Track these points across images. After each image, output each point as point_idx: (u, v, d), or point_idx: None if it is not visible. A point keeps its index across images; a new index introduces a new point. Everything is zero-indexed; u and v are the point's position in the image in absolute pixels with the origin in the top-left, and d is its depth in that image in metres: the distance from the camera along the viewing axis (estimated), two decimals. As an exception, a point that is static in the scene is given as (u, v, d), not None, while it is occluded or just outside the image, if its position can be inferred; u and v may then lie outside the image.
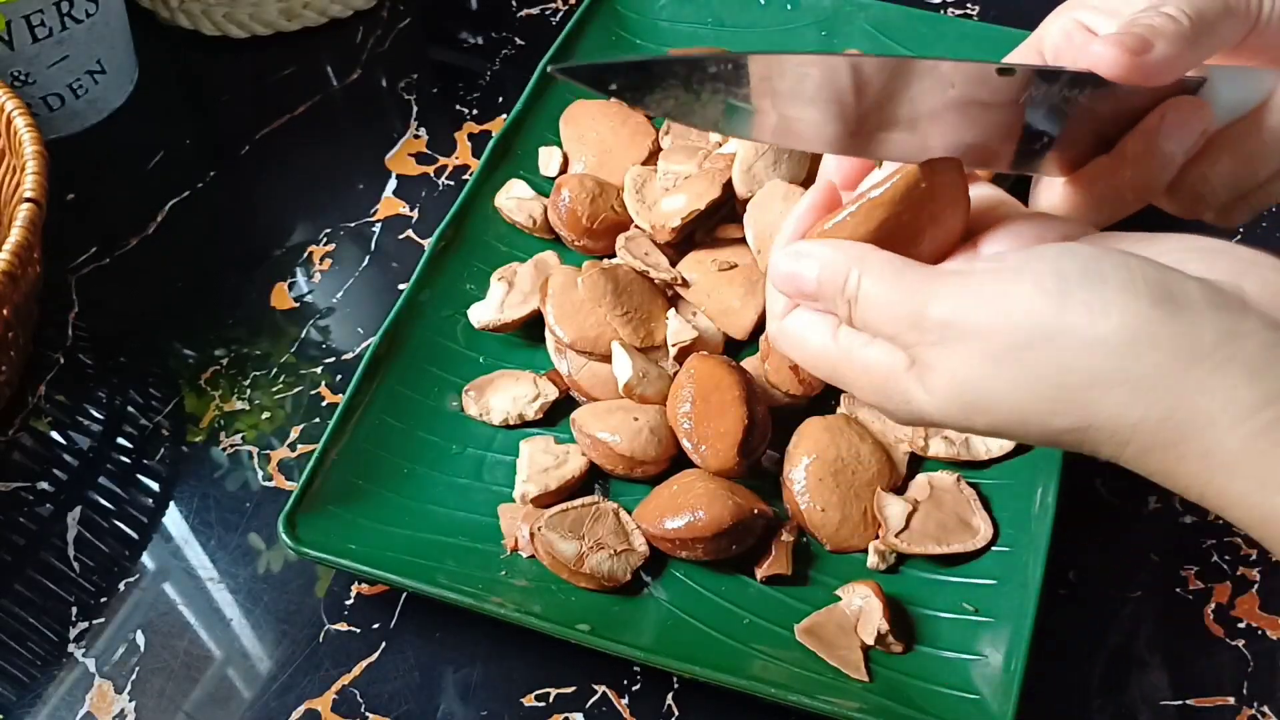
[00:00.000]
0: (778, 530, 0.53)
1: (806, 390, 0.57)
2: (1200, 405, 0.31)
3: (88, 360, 0.65)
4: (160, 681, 0.53)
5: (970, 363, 0.35)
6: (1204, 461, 0.32)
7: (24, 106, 0.60)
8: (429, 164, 0.73)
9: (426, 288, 0.61)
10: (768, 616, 0.52)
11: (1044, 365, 0.33)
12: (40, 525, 0.58)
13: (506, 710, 0.51)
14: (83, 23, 0.70)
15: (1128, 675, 0.51)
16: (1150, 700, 0.51)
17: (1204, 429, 0.31)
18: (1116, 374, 0.32)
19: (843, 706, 0.47)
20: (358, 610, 0.54)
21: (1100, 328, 0.32)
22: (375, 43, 0.81)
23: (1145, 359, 0.32)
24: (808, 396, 0.57)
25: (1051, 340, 0.33)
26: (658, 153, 0.66)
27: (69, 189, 0.72)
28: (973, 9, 0.81)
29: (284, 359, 0.64)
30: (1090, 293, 0.33)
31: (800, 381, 0.57)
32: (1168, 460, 0.33)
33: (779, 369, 0.57)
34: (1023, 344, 0.33)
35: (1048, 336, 0.33)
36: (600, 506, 0.53)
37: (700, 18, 0.76)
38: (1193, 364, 0.32)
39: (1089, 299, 0.33)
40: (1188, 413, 0.32)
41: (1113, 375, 0.32)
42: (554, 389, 0.59)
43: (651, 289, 0.60)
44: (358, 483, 0.55)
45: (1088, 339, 0.33)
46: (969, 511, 0.54)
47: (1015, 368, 0.34)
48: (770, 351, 0.58)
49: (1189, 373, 0.32)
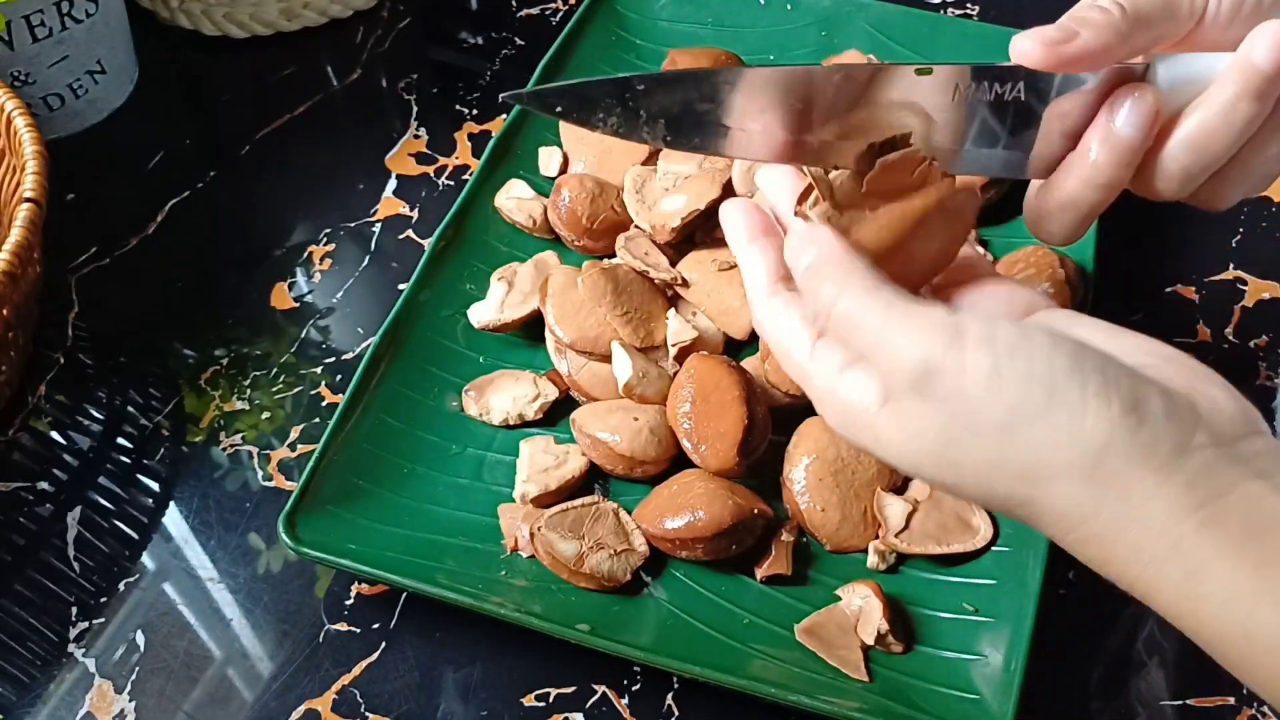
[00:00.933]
0: (778, 530, 0.53)
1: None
2: (1143, 508, 0.34)
3: (88, 360, 0.65)
4: (160, 681, 0.53)
5: (952, 426, 0.37)
6: (1135, 554, 0.35)
7: (24, 106, 0.60)
8: (429, 164, 0.73)
9: (426, 288, 0.61)
10: (768, 616, 0.52)
11: (1021, 447, 0.36)
12: (40, 525, 0.58)
13: (506, 710, 0.51)
14: (83, 23, 0.71)
15: (1128, 675, 0.51)
16: (1150, 700, 0.51)
17: (1141, 528, 0.35)
18: (1082, 471, 0.35)
19: (843, 706, 0.47)
20: (358, 610, 0.54)
21: (1078, 428, 0.35)
22: (375, 43, 0.81)
23: (1109, 463, 0.35)
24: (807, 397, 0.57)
25: (1033, 427, 0.35)
26: (658, 153, 0.66)
27: (69, 189, 0.72)
28: (973, 9, 0.81)
29: (284, 359, 0.64)
30: (1074, 393, 0.35)
31: (800, 381, 0.57)
32: (1104, 550, 0.36)
33: (779, 369, 0.57)
34: (1006, 423, 0.36)
35: (1030, 422, 0.35)
36: (600, 506, 0.53)
37: (700, 18, 0.76)
38: (1147, 473, 0.35)
39: (1073, 400, 0.35)
40: (1131, 513, 0.35)
41: (1078, 471, 0.35)
42: (554, 389, 0.59)
43: (651, 289, 0.60)
44: (358, 483, 0.55)
45: (1065, 436, 0.35)
46: (969, 511, 0.54)
47: (994, 441, 0.36)
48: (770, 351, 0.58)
49: (1142, 480, 0.35)
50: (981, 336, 0.36)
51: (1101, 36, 0.41)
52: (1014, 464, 0.36)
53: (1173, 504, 0.34)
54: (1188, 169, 0.44)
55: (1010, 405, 0.35)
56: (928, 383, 0.36)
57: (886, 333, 0.37)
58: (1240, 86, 0.42)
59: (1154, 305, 0.64)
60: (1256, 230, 0.67)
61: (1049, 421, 0.35)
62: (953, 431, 0.36)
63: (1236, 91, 0.42)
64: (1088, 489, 0.35)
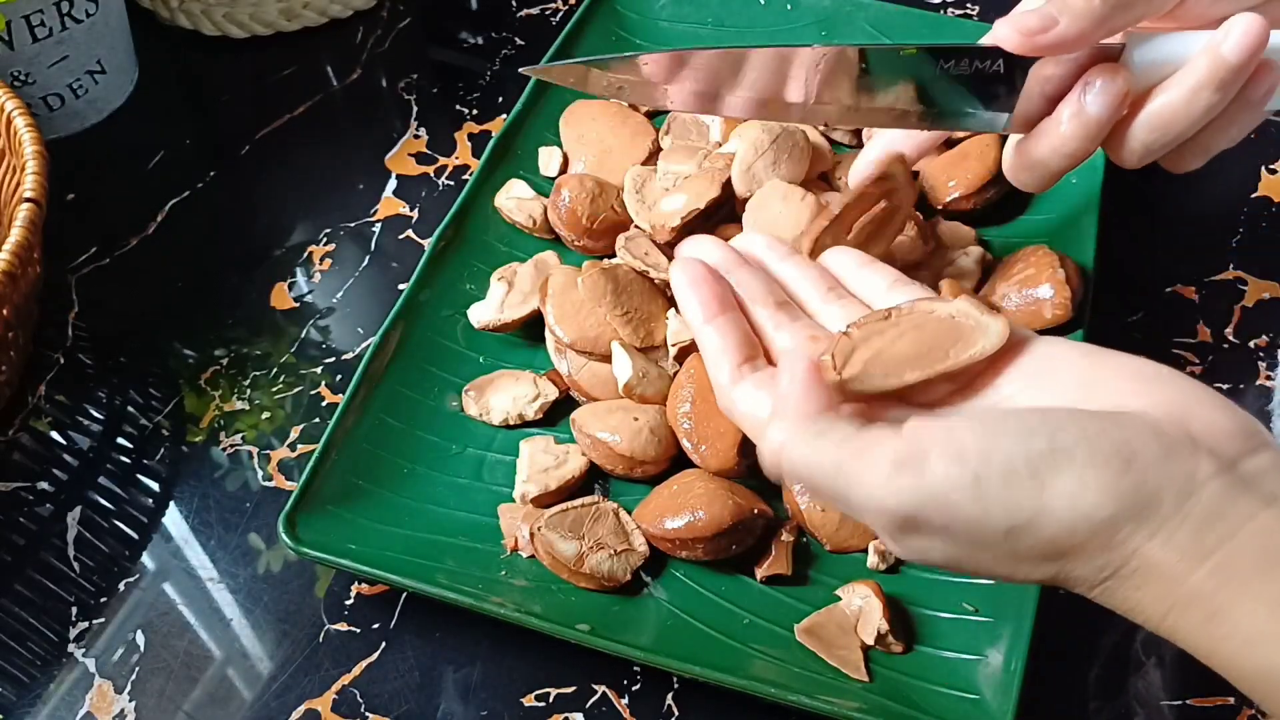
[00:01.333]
0: (778, 530, 0.53)
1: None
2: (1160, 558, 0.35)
3: (88, 360, 0.65)
4: (160, 681, 0.53)
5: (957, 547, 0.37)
6: (1157, 604, 0.35)
7: (24, 106, 0.60)
8: (429, 164, 0.73)
9: (426, 288, 0.61)
10: (768, 616, 0.52)
11: (1032, 543, 0.36)
12: (40, 525, 0.58)
13: (506, 710, 0.51)
14: (83, 23, 0.71)
15: (1128, 675, 0.51)
16: (1150, 700, 0.51)
17: (1162, 577, 0.35)
18: (1094, 544, 0.35)
19: (843, 706, 0.47)
20: (358, 610, 0.54)
21: (1082, 506, 0.35)
22: (375, 43, 0.81)
23: (1120, 530, 0.35)
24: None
25: (1032, 525, 0.35)
26: (657, 153, 0.66)
27: (69, 189, 0.72)
28: (973, 9, 0.81)
29: (284, 359, 0.64)
30: (1065, 474, 0.35)
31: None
32: (1128, 601, 0.36)
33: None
34: (1009, 528, 0.36)
35: (1029, 522, 0.35)
36: (600, 506, 0.53)
37: (700, 18, 0.76)
38: (1158, 529, 0.35)
39: (1067, 480, 0.35)
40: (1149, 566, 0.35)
41: (1091, 545, 0.35)
42: (554, 389, 0.59)
43: (651, 289, 0.60)
44: (358, 483, 0.55)
45: (1069, 521, 0.35)
46: (969, 511, 0.54)
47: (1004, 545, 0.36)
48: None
49: (1153, 536, 0.35)
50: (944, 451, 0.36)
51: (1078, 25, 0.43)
52: (1030, 556, 0.36)
53: (1186, 553, 0.34)
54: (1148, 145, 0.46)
55: (1006, 508, 0.35)
56: (915, 526, 0.37)
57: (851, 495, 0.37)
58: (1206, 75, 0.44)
59: (1154, 305, 0.64)
60: (1256, 230, 0.67)
61: (1051, 512, 0.35)
62: (960, 550, 0.37)
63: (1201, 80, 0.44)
64: (1104, 555, 0.35)
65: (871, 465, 0.37)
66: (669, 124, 0.68)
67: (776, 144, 0.61)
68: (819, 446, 0.38)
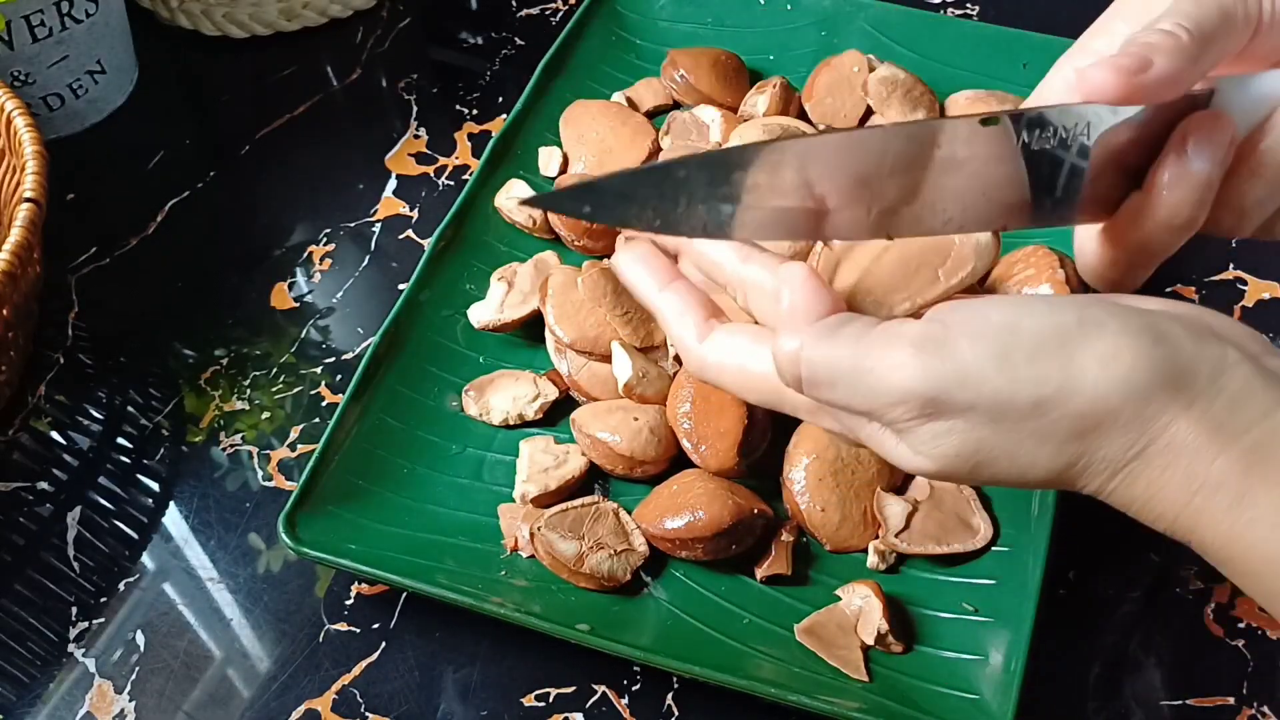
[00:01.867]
0: (778, 530, 0.53)
1: (806, 390, 0.57)
2: (1191, 436, 0.34)
3: (88, 360, 0.65)
4: (160, 681, 0.53)
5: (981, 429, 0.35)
6: (1187, 482, 0.34)
7: (24, 106, 0.60)
8: (429, 164, 0.73)
9: (426, 288, 0.61)
10: (768, 616, 0.52)
11: (1064, 414, 0.34)
12: (40, 525, 0.58)
13: (506, 710, 0.51)
14: (83, 23, 0.71)
15: (1127, 675, 0.51)
16: (1150, 700, 0.51)
17: (1193, 453, 0.34)
18: (1129, 411, 0.34)
19: (843, 706, 0.47)
20: (358, 610, 0.54)
21: (1115, 372, 0.34)
22: (375, 43, 0.81)
23: (1156, 397, 0.34)
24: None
25: (1063, 395, 0.34)
26: (658, 153, 0.67)
27: (69, 189, 0.72)
28: (973, 9, 0.81)
29: (284, 359, 0.64)
30: (1096, 342, 0.34)
31: (800, 381, 0.57)
32: (1152, 486, 0.35)
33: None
34: (1038, 399, 0.34)
35: (1059, 393, 0.34)
36: (600, 506, 0.53)
37: (700, 18, 0.76)
38: (1192, 401, 0.34)
39: (1097, 349, 0.34)
40: (1180, 443, 0.34)
41: (1126, 412, 0.34)
42: (554, 389, 0.59)
43: (651, 289, 0.60)
44: (358, 483, 0.55)
45: (1103, 388, 0.34)
46: (969, 511, 0.54)
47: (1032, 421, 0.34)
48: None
49: (1189, 409, 0.34)
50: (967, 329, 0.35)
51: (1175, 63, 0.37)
52: (1058, 431, 0.34)
53: (1220, 429, 0.34)
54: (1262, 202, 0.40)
55: (1035, 379, 0.34)
56: (938, 408, 0.35)
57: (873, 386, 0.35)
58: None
59: (1154, 305, 0.64)
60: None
61: (1083, 379, 0.34)
62: (982, 433, 0.35)
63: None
64: (1138, 426, 0.34)
65: (892, 351, 0.35)
66: (669, 124, 0.68)
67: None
68: (836, 342, 0.36)
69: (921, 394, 0.35)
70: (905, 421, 0.36)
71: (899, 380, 0.35)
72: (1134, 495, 0.35)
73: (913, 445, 0.36)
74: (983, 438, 0.35)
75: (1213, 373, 0.34)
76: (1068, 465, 0.35)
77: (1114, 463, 0.35)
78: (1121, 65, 0.37)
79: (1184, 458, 0.34)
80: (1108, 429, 0.34)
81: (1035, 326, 0.34)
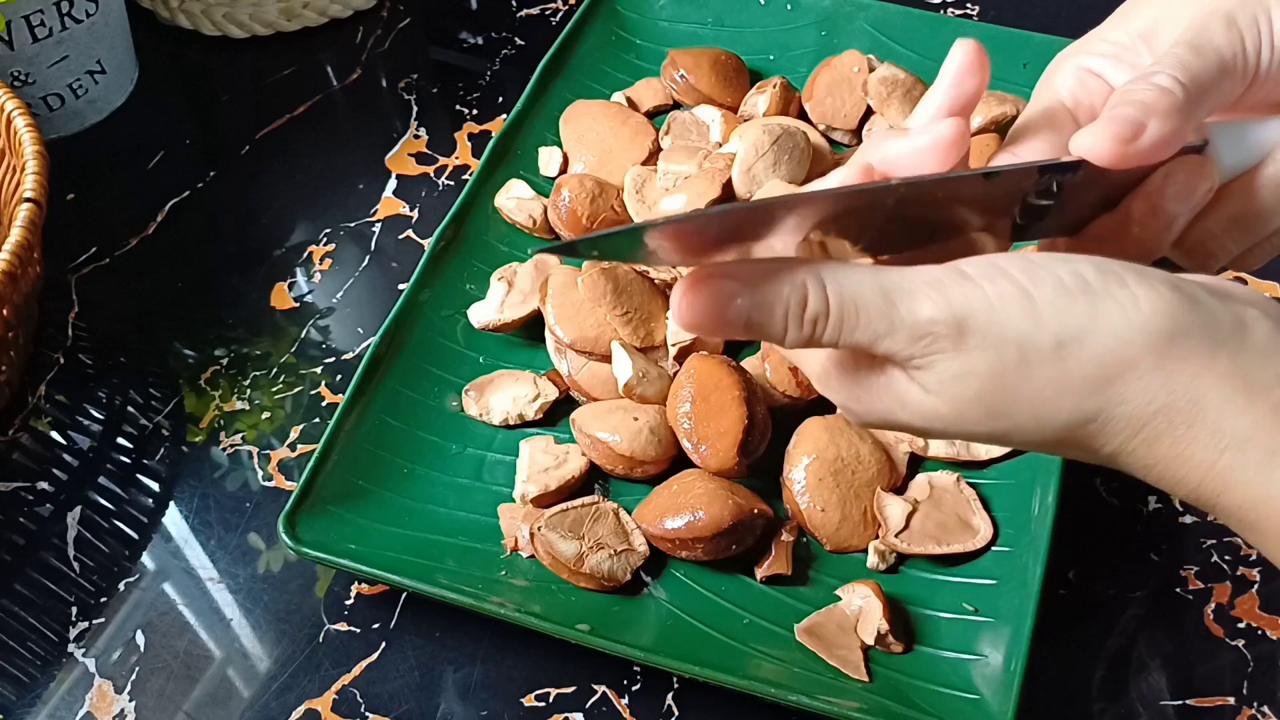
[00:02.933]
0: (778, 530, 0.53)
1: (806, 391, 0.57)
2: (1216, 389, 0.33)
3: (88, 360, 0.65)
4: (160, 681, 0.53)
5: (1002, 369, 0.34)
6: (1214, 439, 0.33)
7: (24, 106, 0.60)
8: (429, 164, 0.73)
9: (426, 288, 0.61)
10: (768, 616, 0.52)
11: (1085, 358, 0.34)
12: (40, 525, 0.58)
13: (506, 710, 0.51)
14: (83, 23, 0.71)
15: (1128, 675, 0.51)
16: (1150, 700, 0.51)
17: (1220, 407, 0.33)
18: (1150, 360, 0.33)
19: (843, 706, 0.47)
20: (358, 610, 0.54)
21: (1135, 318, 0.33)
22: (375, 43, 0.81)
23: (1178, 345, 0.33)
24: (807, 397, 0.57)
25: (1085, 337, 0.34)
26: (658, 153, 0.66)
27: (69, 189, 0.72)
28: (973, 9, 0.81)
29: (284, 359, 0.64)
30: (1117, 289, 0.34)
31: (799, 383, 0.57)
32: (1177, 445, 0.34)
33: (779, 369, 0.57)
34: (1060, 341, 0.34)
35: (1081, 334, 0.34)
36: (600, 506, 0.53)
37: (700, 18, 0.76)
38: (1215, 348, 0.33)
39: (1119, 295, 0.34)
40: (1205, 397, 0.33)
41: (1147, 361, 0.33)
42: (554, 389, 0.59)
43: (651, 289, 0.60)
44: (358, 483, 0.55)
45: (1124, 332, 0.33)
46: (969, 511, 0.54)
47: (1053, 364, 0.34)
48: (770, 351, 0.58)
49: (1212, 360, 0.33)
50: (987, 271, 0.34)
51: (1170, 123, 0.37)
52: (1079, 378, 0.34)
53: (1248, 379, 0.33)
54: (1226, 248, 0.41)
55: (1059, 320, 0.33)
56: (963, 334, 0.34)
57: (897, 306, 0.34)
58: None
59: (1154, 305, 0.64)
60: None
61: (1105, 323, 0.33)
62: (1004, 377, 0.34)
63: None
64: (1160, 378, 0.33)
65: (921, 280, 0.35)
66: (669, 124, 0.69)
67: (777, 145, 0.61)
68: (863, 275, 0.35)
69: (950, 317, 0.34)
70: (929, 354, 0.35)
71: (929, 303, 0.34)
72: (1157, 456, 0.34)
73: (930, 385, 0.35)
74: (1003, 382, 0.34)
75: (1235, 326, 0.33)
76: (1087, 419, 0.34)
77: (1135, 418, 0.34)
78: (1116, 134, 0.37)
79: (1210, 412, 0.33)
80: (1129, 379, 0.33)
81: (1053, 275, 0.34)
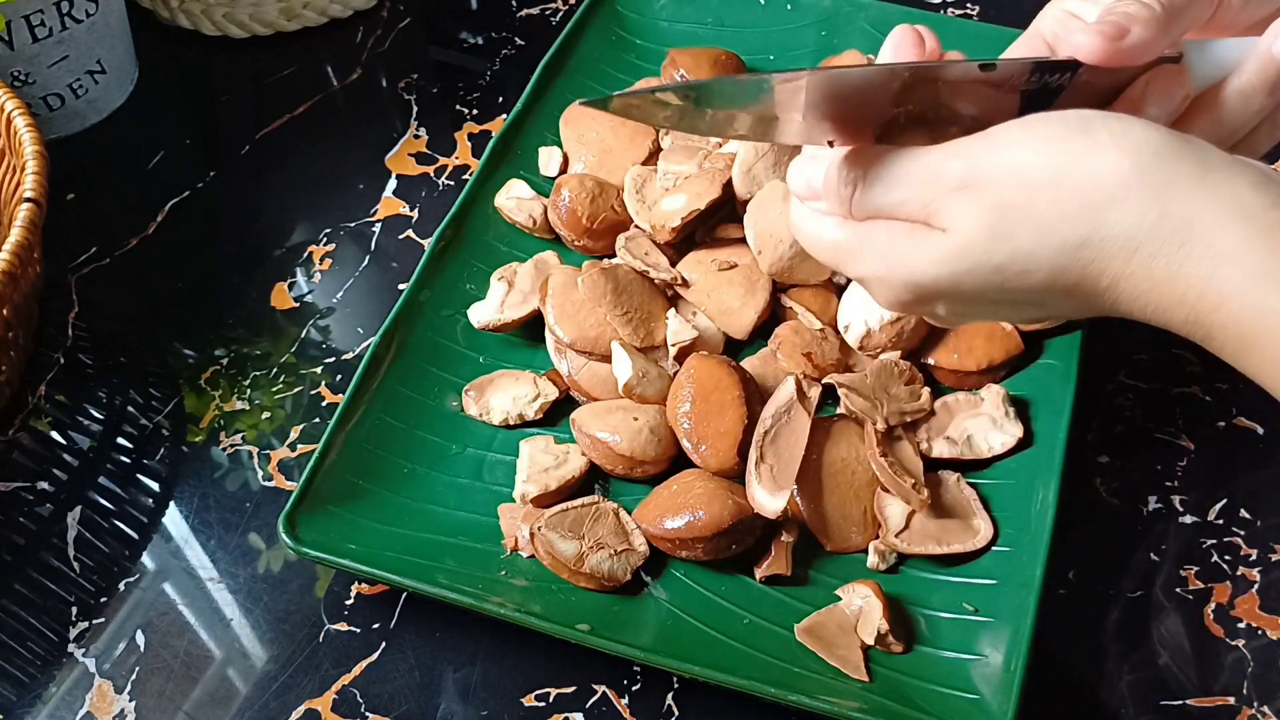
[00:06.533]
0: (778, 530, 0.53)
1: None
2: (1208, 208, 0.36)
3: (88, 360, 0.65)
4: (160, 681, 0.53)
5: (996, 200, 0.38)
6: (1208, 253, 0.36)
7: (24, 106, 0.60)
8: (429, 164, 0.73)
9: (426, 288, 0.61)
10: (768, 616, 0.52)
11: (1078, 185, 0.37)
12: (40, 525, 0.58)
13: (506, 710, 0.51)
14: (83, 23, 0.71)
15: (1127, 675, 0.51)
16: (1150, 700, 0.51)
17: (1210, 225, 0.36)
18: (1139, 180, 0.36)
19: (843, 706, 0.47)
20: (358, 610, 0.54)
21: (1125, 142, 0.37)
22: (375, 43, 0.81)
23: (1167, 167, 0.36)
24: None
25: (1079, 165, 0.37)
26: (658, 153, 0.66)
27: (69, 189, 0.72)
28: (973, 9, 0.81)
29: (284, 359, 0.64)
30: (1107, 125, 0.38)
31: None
32: (1174, 261, 0.36)
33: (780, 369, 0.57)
34: (1057, 173, 0.37)
35: (1076, 163, 0.37)
36: (600, 506, 0.53)
37: (700, 18, 0.76)
38: (1205, 173, 0.36)
39: (1111, 128, 0.37)
40: (1199, 213, 0.36)
41: (1136, 182, 0.36)
42: (554, 389, 0.59)
43: (651, 289, 0.60)
44: (358, 483, 0.55)
45: (1114, 158, 0.37)
46: (969, 511, 0.54)
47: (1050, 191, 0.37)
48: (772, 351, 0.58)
49: (1203, 179, 0.36)
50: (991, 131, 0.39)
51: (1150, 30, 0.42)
52: (1077, 202, 0.37)
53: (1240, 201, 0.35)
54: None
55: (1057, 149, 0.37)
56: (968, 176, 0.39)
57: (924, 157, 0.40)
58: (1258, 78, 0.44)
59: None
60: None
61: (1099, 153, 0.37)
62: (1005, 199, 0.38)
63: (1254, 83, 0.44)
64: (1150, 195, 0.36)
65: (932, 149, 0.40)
66: (669, 124, 0.68)
67: (778, 145, 0.61)
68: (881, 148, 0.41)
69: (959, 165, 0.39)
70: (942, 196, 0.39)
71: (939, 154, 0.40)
72: (1155, 278, 0.37)
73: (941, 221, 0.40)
74: (1004, 203, 0.38)
75: (1227, 161, 0.36)
76: (1083, 242, 0.37)
77: (1130, 239, 0.36)
78: (1105, 32, 0.42)
79: (1200, 228, 0.35)
80: (1122, 200, 0.36)
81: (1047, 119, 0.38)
